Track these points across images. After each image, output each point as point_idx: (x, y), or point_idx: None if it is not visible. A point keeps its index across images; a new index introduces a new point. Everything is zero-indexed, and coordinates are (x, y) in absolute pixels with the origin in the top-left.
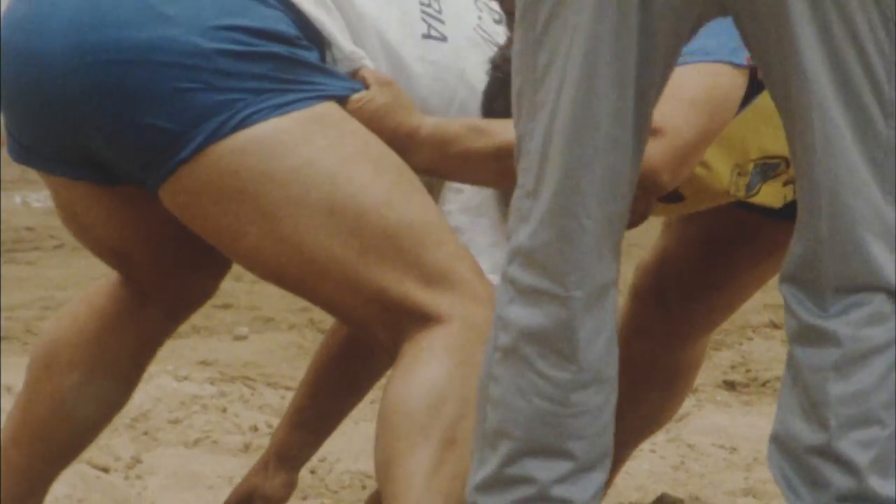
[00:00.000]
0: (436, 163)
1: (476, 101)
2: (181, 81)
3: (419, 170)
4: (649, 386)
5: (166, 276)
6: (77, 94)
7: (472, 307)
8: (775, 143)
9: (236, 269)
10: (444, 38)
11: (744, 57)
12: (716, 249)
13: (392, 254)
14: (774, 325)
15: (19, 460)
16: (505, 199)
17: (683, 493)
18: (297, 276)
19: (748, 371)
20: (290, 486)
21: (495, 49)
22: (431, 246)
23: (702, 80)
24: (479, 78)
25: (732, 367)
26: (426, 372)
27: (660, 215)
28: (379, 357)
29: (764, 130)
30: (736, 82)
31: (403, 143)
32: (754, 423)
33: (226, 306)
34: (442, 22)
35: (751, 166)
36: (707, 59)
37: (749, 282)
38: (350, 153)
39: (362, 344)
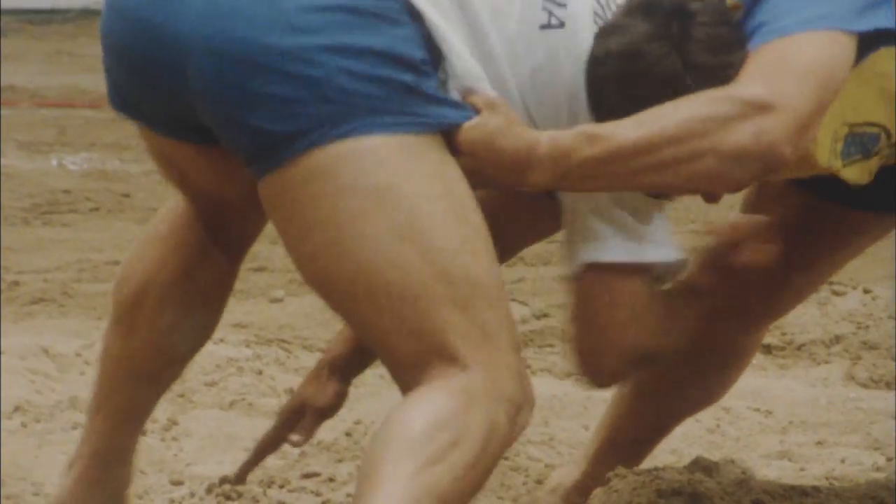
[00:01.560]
0: (557, 178)
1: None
2: (300, 91)
3: (542, 187)
4: (713, 364)
5: (245, 219)
6: (197, 78)
7: (501, 371)
8: (872, 109)
9: (272, 232)
10: (561, 25)
11: (854, 23)
12: (796, 237)
13: (446, 298)
14: None
15: (125, 403)
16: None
17: (718, 456)
18: (345, 291)
19: (784, 335)
20: (342, 395)
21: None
22: (486, 306)
23: (814, 50)
24: None
25: (769, 331)
26: (435, 400)
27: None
28: None
29: (861, 96)
30: (847, 50)
31: (522, 162)
32: (790, 386)
33: (261, 269)
34: (563, 6)
35: (845, 131)
36: (819, 27)
37: (824, 270)
38: (438, 192)
39: None
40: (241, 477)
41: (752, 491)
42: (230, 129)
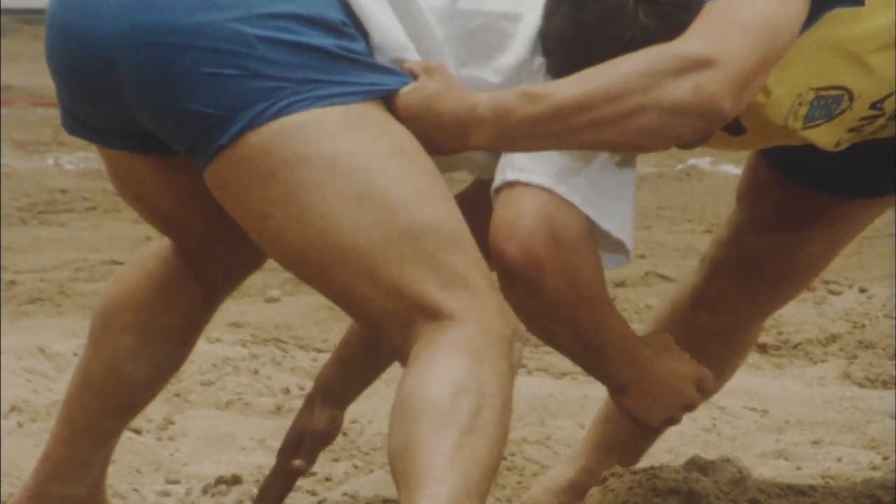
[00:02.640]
0: (500, 138)
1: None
2: (224, 68)
3: (485, 147)
4: (711, 357)
5: (216, 244)
6: (126, 74)
7: (486, 313)
8: (838, 73)
9: None
10: None
11: None
12: (790, 229)
13: (414, 252)
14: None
15: (81, 414)
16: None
17: (714, 455)
18: (316, 263)
19: (780, 334)
20: (337, 422)
21: None
22: (453, 250)
23: (763, 6)
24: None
25: (764, 330)
26: (445, 364)
27: (723, 148)
28: None
29: (826, 60)
30: (797, 8)
31: (463, 124)
32: (786, 385)
33: (272, 269)
34: None
35: (812, 95)
36: None
37: (819, 261)
38: (386, 150)
39: None
40: None
41: (748, 490)
42: (166, 120)
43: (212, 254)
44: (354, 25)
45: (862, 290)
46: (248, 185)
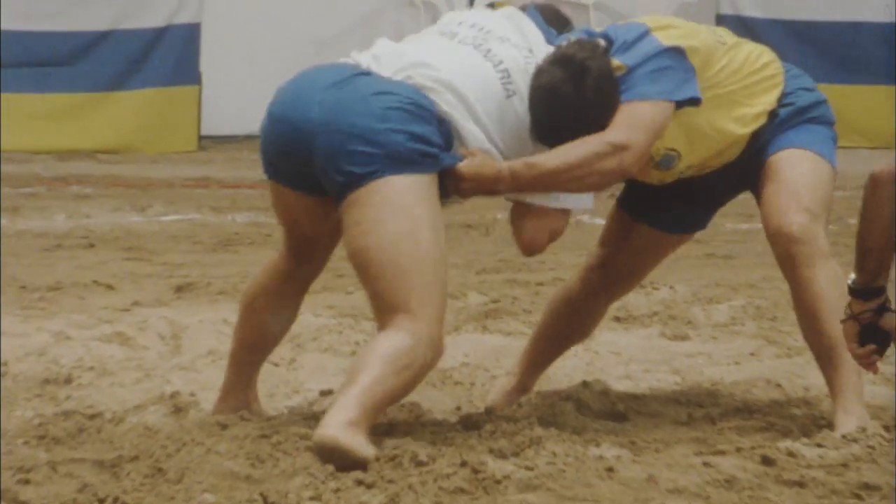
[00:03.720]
0: (514, 188)
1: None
2: (376, 150)
3: (506, 193)
4: (582, 325)
5: (315, 246)
6: (320, 147)
7: (434, 328)
8: (675, 140)
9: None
10: (515, 93)
11: (675, 95)
12: (638, 252)
13: (414, 280)
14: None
15: (241, 356)
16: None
17: (591, 378)
18: (367, 261)
19: (627, 311)
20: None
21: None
22: (434, 289)
23: (652, 111)
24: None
25: (618, 308)
26: (399, 339)
27: (648, 179)
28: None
29: (674, 132)
30: (669, 111)
31: (493, 181)
32: (629, 339)
33: (341, 276)
34: (511, 81)
35: (662, 152)
36: (657, 98)
37: (651, 270)
38: (428, 219)
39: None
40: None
41: (610, 395)
42: (333, 173)
43: (310, 252)
44: (445, 142)
45: (671, 287)
46: (360, 207)
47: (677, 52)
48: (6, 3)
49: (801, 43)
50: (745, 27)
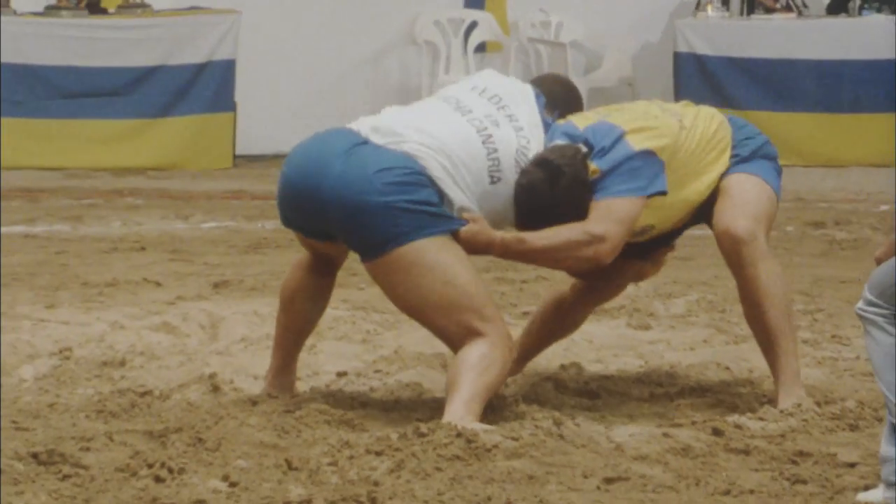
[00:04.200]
0: (504, 255)
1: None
2: (386, 221)
3: (498, 256)
4: (568, 326)
5: (333, 260)
6: (333, 216)
7: (500, 333)
8: (646, 219)
9: (352, 259)
10: (500, 180)
11: (647, 190)
12: (618, 275)
13: (468, 307)
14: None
15: (283, 342)
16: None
17: (569, 363)
18: (422, 311)
19: (604, 309)
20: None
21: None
22: (486, 307)
23: (627, 206)
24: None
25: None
26: (477, 347)
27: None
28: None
29: (647, 213)
30: (641, 205)
31: (487, 246)
32: (601, 329)
33: (354, 275)
34: (500, 170)
35: (638, 228)
36: (629, 195)
37: (626, 286)
38: (457, 262)
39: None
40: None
41: (584, 376)
42: (350, 239)
43: (330, 263)
44: (442, 201)
45: (636, 284)
46: (391, 275)
47: (648, 154)
48: (78, 41)
49: (745, 76)
50: (699, 63)
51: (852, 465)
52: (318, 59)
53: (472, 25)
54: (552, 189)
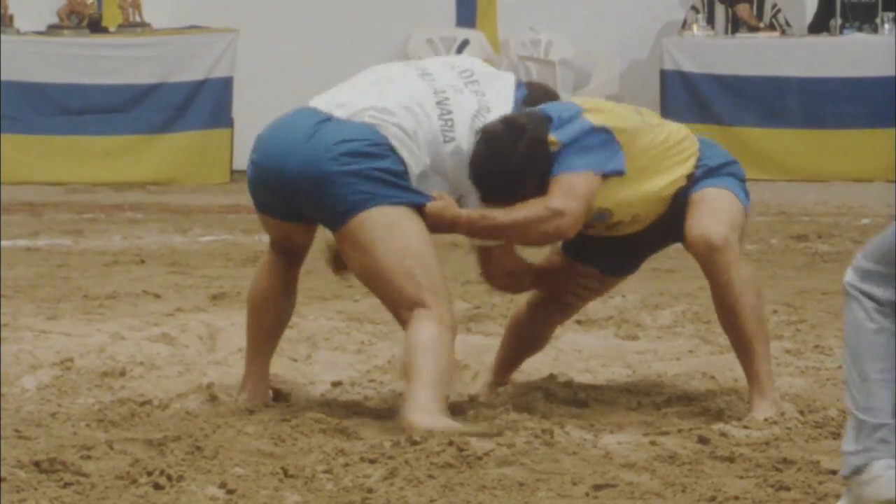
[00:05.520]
0: (469, 231)
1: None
2: (347, 189)
3: (463, 233)
4: (534, 343)
5: (299, 248)
6: (300, 191)
7: (446, 311)
8: (603, 202)
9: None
10: (453, 139)
11: (604, 167)
12: (559, 289)
13: (422, 278)
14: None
15: (256, 346)
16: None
17: (557, 371)
18: (376, 277)
19: (588, 316)
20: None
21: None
22: (435, 281)
23: (585, 181)
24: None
25: (579, 314)
26: (429, 330)
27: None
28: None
29: (601, 194)
30: (597, 182)
31: (453, 223)
32: (589, 339)
33: (349, 286)
34: (453, 130)
35: (595, 211)
36: (587, 170)
37: (585, 305)
38: (416, 232)
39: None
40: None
41: (573, 386)
42: (316, 211)
43: (298, 252)
44: (405, 171)
45: (623, 296)
46: (355, 240)
47: (605, 132)
48: (79, 59)
49: (730, 93)
50: (685, 80)
51: (835, 472)
52: (313, 76)
53: (464, 43)
54: (513, 143)
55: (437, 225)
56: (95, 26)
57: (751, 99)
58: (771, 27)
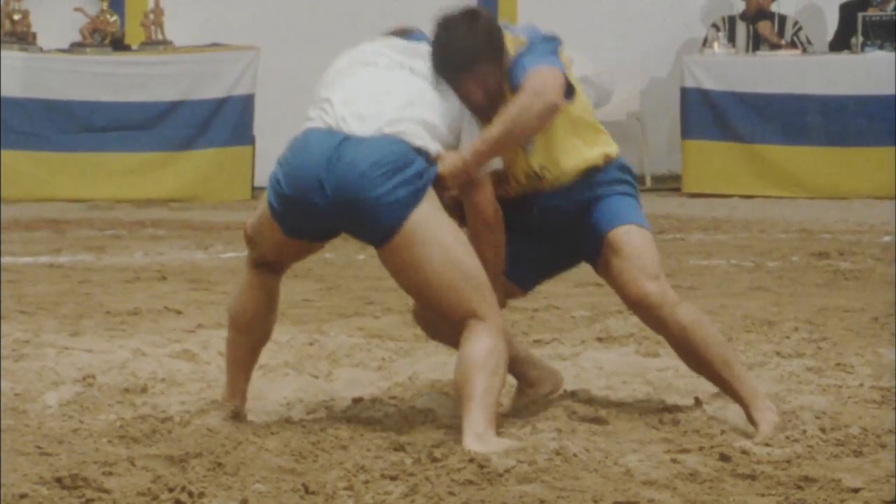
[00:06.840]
0: (480, 159)
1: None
2: (382, 210)
3: (481, 171)
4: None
5: (286, 263)
6: (332, 213)
7: (497, 320)
8: (539, 158)
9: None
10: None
11: (554, 63)
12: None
13: (469, 287)
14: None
15: (237, 356)
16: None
17: (578, 388)
18: (424, 289)
19: (608, 333)
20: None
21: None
22: (485, 290)
23: (554, 71)
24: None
25: (600, 331)
26: (483, 341)
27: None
28: None
29: (537, 153)
30: (563, 79)
31: (465, 167)
32: (607, 356)
33: (370, 303)
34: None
35: (536, 165)
36: (554, 65)
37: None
38: (457, 244)
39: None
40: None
41: (594, 403)
42: (363, 236)
43: (282, 265)
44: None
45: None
46: (400, 256)
47: (560, 55)
48: (102, 77)
49: (751, 111)
50: (705, 97)
51: (856, 491)
52: None
53: None
54: (470, 23)
55: (456, 180)
56: (118, 44)
57: (772, 117)
58: (792, 45)
